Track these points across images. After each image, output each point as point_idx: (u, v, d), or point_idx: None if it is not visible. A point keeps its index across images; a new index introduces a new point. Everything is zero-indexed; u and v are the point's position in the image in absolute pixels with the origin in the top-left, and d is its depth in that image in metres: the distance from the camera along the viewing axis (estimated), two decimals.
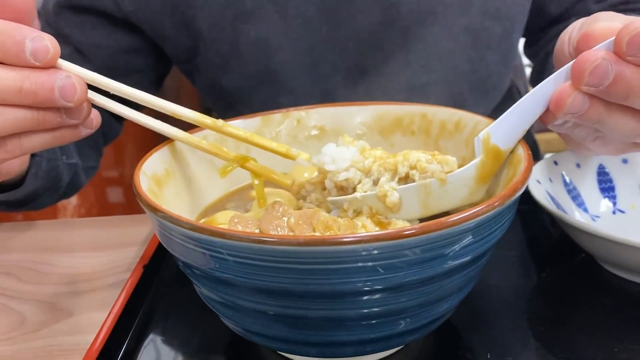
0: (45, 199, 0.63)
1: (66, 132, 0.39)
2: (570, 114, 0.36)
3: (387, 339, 0.36)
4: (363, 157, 0.43)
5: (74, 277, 0.56)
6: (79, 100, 0.36)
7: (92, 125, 0.40)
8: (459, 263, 0.33)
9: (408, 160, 0.40)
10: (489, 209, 0.32)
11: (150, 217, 0.36)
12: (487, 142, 0.39)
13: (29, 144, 0.38)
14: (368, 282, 0.31)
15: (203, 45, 0.67)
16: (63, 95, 0.35)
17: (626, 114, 0.36)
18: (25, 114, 0.36)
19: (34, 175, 0.58)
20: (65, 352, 0.46)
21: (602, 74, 0.34)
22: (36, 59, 0.35)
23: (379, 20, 0.65)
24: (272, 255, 0.30)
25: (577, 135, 0.40)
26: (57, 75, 0.35)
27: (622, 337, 0.41)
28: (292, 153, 0.43)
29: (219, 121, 0.42)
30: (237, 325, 0.37)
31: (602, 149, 0.42)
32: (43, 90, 0.35)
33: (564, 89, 0.36)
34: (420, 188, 0.39)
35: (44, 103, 0.36)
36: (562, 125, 0.38)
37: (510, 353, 0.41)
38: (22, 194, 0.58)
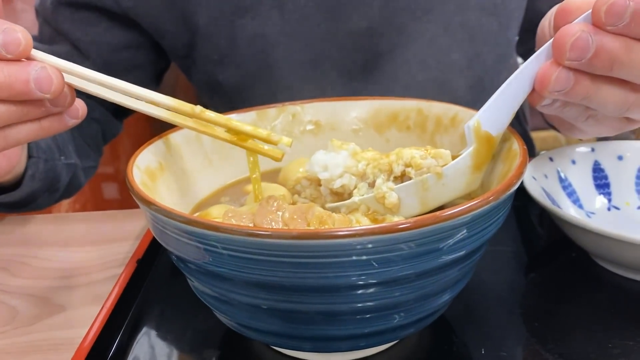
0: (44, 200, 0.62)
1: (52, 122, 0.38)
2: (556, 91, 0.35)
3: (381, 333, 0.36)
4: (356, 161, 0.42)
5: (67, 271, 0.56)
6: (55, 91, 0.35)
7: (78, 115, 0.39)
8: (453, 257, 0.33)
9: (402, 159, 0.40)
10: (484, 204, 0.32)
11: (143, 211, 0.36)
12: (479, 130, 0.38)
13: (14, 136, 0.37)
14: (362, 276, 0.31)
15: (201, 40, 0.67)
16: (39, 87, 0.35)
17: (613, 86, 0.35)
18: (7, 107, 0.35)
19: (31, 177, 0.57)
20: (58, 346, 0.45)
21: (583, 47, 0.33)
22: (8, 52, 0.34)
23: (377, 17, 0.65)
24: (266, 249, 0.30)
25: (568, 116, 0.40)
26: (31, 66, 0.35)
27: (616, 333, 0.41)
28: (272, 138, 0.42)
29: (197, 107, 0.41)
30: (231, 320, 0.37)
31: (596, 128, 0.41)
32: (18, 83, 0.34)
33: (547, 66, 0.35)
34: (417, 184, 0.39)
35: (20, 96, 0.35)
36: (551, 106, 0.38)
37: (505, 348, 0.41)
38: (19, 195, 0.57)
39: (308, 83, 0.68)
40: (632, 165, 0.56)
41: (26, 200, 0.59)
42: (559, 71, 0.35)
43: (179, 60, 0.73)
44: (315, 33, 0.66)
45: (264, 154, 0.43)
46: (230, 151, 0.50)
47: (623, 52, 0.33)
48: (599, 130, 0.42)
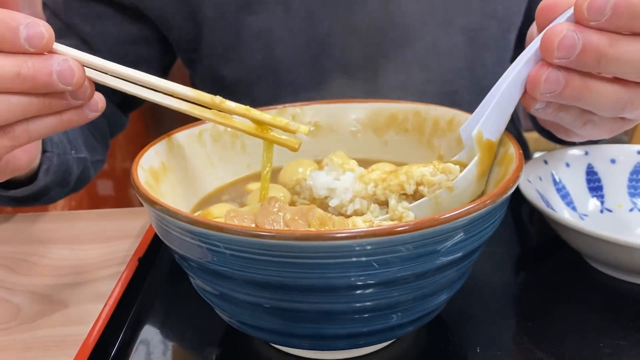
0: (56, 194, 0.63)
1: (72, 115, 0.39)
2: (547, 93, 0.36)
3: (379, 332, 0.37)
4: (364, 184, 0.43)
5: (68, 269, 0.56)
6: (77, 83, 0.36)
7: (98, 108, 0.40)
8: (450, 259, 0.34)
9: (413, 178, 0.41)
10: (481, 207, 0.33)
11: (148, 210, 0.36)
12: (481, 139, 0.39)
13: (36, 129, 0.38)
14: (362, 277, 0.32)
15: (206, 34, 0.68)
16: (61, 79, 0.36)
17: (605, 84, 0.36)
18: (30, 100, 0.36)
19: (46, 171, 0.58)
20: (61, 344, 0.46)
21: (570, 45, 0.34)
22: (31, 45, 0.35)
23: (380, 17, 0.66)
24: (269, 249, 0.31)
25: (564, 121, 0.40)
26: (54, 59, 0.36)
27: (608, 333, 0.42)
28: (291, 127, 0.43)
29: (217, 97, 0.42)
30: (232, 318, 0.38)
31: (593, 131, 0.41)
32: (41, 75, 0.35)
33: (537, 68, 0.36)
34: (431, 201, 0.40)
35: (43, 88, 0.36)
36: (545, 110, 0.38)
37: (499, 347, 0.42)
38: (34, 189, 0.58)
39: (310, 80, 0.69)
40: (624, 169, 0.57)
41: (39, 194, 0.60)
42: (549, 72, 0.35)
43: (184, 54, 0.74)
44: (319, 31, 0.67)
45: (282, 144, 0.44)
46: (230, 152, 0.51)
47: (608, 46, 0.34)
48: (596, 134, 0.42)
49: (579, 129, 0.41)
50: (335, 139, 0.54)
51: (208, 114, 0.42)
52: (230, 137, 0.51)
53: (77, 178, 0.66)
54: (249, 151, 0.52)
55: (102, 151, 0.75)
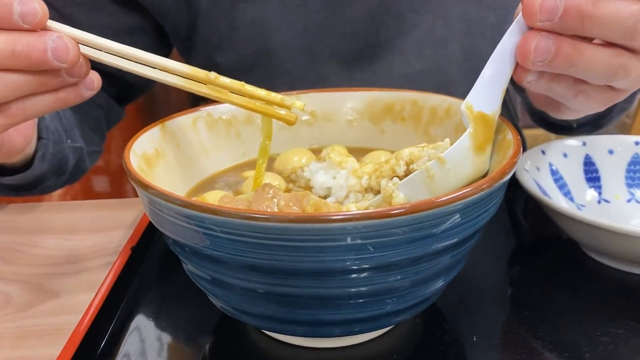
0: (52, 183, 0.62)
1: (69, 93, 0.38)
2: (539, 61, 0.35)
3: (375, 319, 0.36)
4: (357, 178, 0.43)
5: (60, 258, 0.56)
6: (72, 60, 0.36)
7: (94, 86, 0.39)
8: (447, 244, 0.34)
9: (402, 159, 0.40)
10: (478, 191, 0.33)
11: (140, 195, 0.36)
12: (472, 111, 0.39)
13: (32, 108, 0.37)
14: (357, 261, 0.31)
15: (201, 22, 0.67)
16: (56, 56, 0.35)
17: (595, 48, 0.36)
18: (25, 77, 0.36)
19: (41, 158, 0.57)
20: (52, 332, 0.45)
21: (552, 7, 0.34)
22: (25, 22, 0.34)
23: (376, 6, 0.65)
24: (264, 232, 0.30)
25: (557, 94, 0.39)
26: (48, 36, 0.35)
27: (605, 322, 0.42)
28: (286, 102, 0.43)
29: (212, 73, 0.41)
30: (226, 304, 0.38)
31: (585, 105, 0.41)
32: (36, 52, 0.35)
33: (525, 37, 0.35)
34: (422, 174, 0.39)
35: (38, 65, 0.35)
36: (538, 82, 0.37)
37: (496, 336, 0.42)
38: (29, 176, 0.57)
39: (306, 69, 0.68)
40: (622, 160, 0.57)
41: (34, 182, 0.59)
42: (538, 39, 0.35)
43: (179, 42, 0.73)
44: (315, 20, 0.66)
45: (279, 118, 0.44)
46: (225, 139, 0.51)
47: (590, 6, 0.34)
48: (588, 106, 0.42)
49: (571, 101, 0.40)
50: (331, 127, 0.53)
51: (204, 88, 0.42)
52: (224, 125, 0.51)
53: (73, 167, 0.65)
54: (243, 139, 0.52)
55: (98, 142, 0.74)
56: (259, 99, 0.43)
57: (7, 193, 0.61)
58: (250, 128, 0.52)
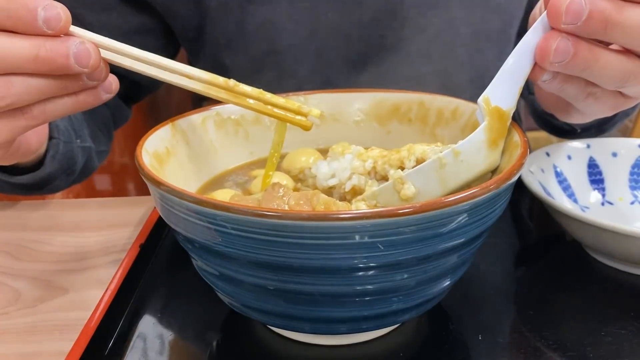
0: (60, 182, 0.63)
1: (88, 96, 0.39)
2: (557, 62, 0.36)
3: (381, 317, 0.37)
4: (362, 161, 0.43)
5: (68, 255, 0.56)
6: (93, 65, 0.37)
7: (112, 89, 0.40)
8: (454, 244, 0.34)
9: (414, 154, 0.41)
10: (485, 191, 0.33)
11: (152, 192, 0.36)
12: (489, 105, 0.39)
13: (52, 110, 0.38)
14: (366, 259, 0.32)
15: (210, 23, 0.68)
16: (78, 61, 0.36)
17: (611, 54, 0.36)
18: (47, 82, 0.36)
19: (52, 157, 0.58)
20: (62, 328, 0.46)
21: (578, 10, 0.34)
22: (49, 27, 0.35)
23: (383, 9, 0.66)
24: (275, 230, 0.31)
25: (568, 94, 0.40)
26: (71, 41, 0.36)
27: (608, 322, 0.42)
28: (303, 110, 0.44)
29: (231, 81, 0.42)
30: (235, 301, 0.38)
31: (594, 107, 0.42)
32: (58, 57, 0.35)
33: (546, 37, 0.36)
34: (435, 163, 0.39)
35: (60, 70, 0.36)
36: (552, 82, 0.38)
37: (501, 335, 0.42)
38: (40, 176, 0.58)
39: (313, 71, 0.69)
40: (625, 162, 0.57)
41: (44, 181, 0.59)
42: (558, 41, 0.35)
43: (188, 43, 0.74)
44: (322, 22, 0.67)
45: (295, 123, 0.45)
46: (233, 139, 0.51)
47: (615, 12, 0.34)
48: (597, 110, 0.42)
49: (581, 103, 0.41)
50: (338, 128, 0.54)
51: (223, 94, 0.43)
52: (233, 124, 0.51)
53: (82, 167, 0.65)
54: (251, 139, 0.52)
55: (106, 142, 0.75)
56: (277, 107, 0.44)
57: (16, 192, 0.61)
58: (258, 128, 0.52)
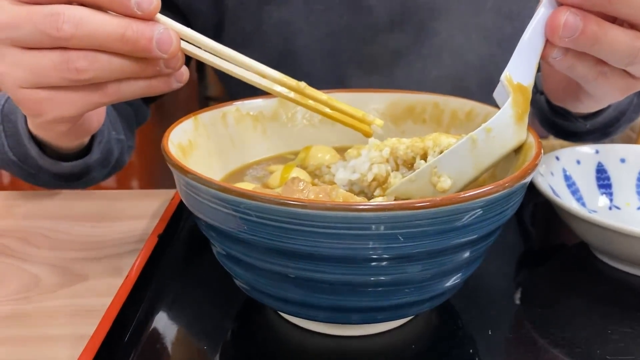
0: (96, 174, 0.65)
1: (160, 82, 0.41)
2: (566, 37, 0.37)
3: (394, 308, 0.38)
4: (379, 150, 0.44)
5: (86, 245, 0.58)
6: (173, 52, 0.39)
7: (183, 79, 0.42)
8: (468, 239, 0.35)
9: (439, 146, 0.42)
10: (500, 189, 0.34)
11: (178, 180, 0.38)
12: (511, 82, 0.40)
13: (126, 90, 0.40)
14: (381, 250, 0.33)
15: (228, 22, 0.69)
16: (159, 46, 0.38)
17: (619, 29, 0.38)
18: (129, 62, 0.39)
19: (99, 143, 0.60)
20: (82, 313, 0.47)
21: None
22: (139, 9, 0.37)
23: (397, 13, 0.67)
24: (299, 218, 0.32)
25: (578, 74, 0.41)
26: (156, 27, 0.38)
27: (614, 321, 0.44)
28: (367, 118, 0.47)
29: (302, 83, 0.45)
30: (254, 288, 0.39)
31: (604, 89, 0.43)
32: (143, 39, 0.37)
33: (555, 13, 0.38)
34: (467, 142, 0.40)
35: (142, 52, 0.38)
36: (563, 60, 0.40)
37: (510, 331, 0.43)
38: (86, 162, 0.59)
39: (326, 72, 0.70)
40: (633, 168, 0.58)
41: (85, 171, 0.61)
42: (567, 16, 0.37)
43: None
44: (337, 24, 0.68)
45: (358, 129, 0.48)
46: (252, 134, 0.53)
47: None
48: (607, 92, 0.43)
49: (591, 84, 0.42)
50: None
51: (291, 94, 0.46)
52: (251, 120, 0.53)
53: (115, 160, 0.67)
54: (268, 135, 0.53)
55: (132, 138, 0.76)
56: (343, 113, 0.47)
57: (55, 183, 0.63)
58: (275, 124, 0.54)
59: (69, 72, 0.38)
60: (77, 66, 0.38)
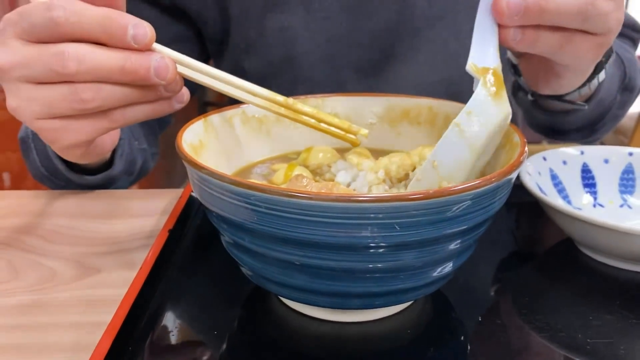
0: (121, 183, 0.68)
1: (162, 105, 0.44)
2: (515, 15, 0.40)
3: (390, 294, 0.41)
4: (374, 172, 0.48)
5: (99, 240, 0.61)
6: (170, 79, 0.42)
7: (183, 100, 0.45)
8: (458, 229, 0.38)
9: (424, 159, 0.45)
10: (487, 183, 0.37)
11: (191, 174, 0.41)
12: (476, 67, 0.44)
13: (130, 115, 0.44)
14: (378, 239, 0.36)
15: (233, 29, 0.73)
16: (157, 74, 0.41)
17: None
18: (131, 90, 0.42)
19: (120, 156, 0.63)
20: (96, 303, 0.50)
21: None
22: (136, 42, 0.40)
23: (394, 20, 0.71)
24: (304, 209, 0.35)
25: (544, 49, 0.44)
26: (153, 56, 0.41)
27: (596, 308, 0.47)
28: (353, 128, 0.51)
29: (290, 99, 0.49)
30: (260, 276, 0.42)
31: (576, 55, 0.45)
32: (141, 69, 0.40)
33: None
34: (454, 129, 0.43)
35: (141, 80, 0.41)
36: (522, 39, 0.42)
37: (498, 317, 0.46)
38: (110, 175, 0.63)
39: (326, 76, 0.73)
40: (616, 168, 0.62)
41: (110, 182, 0.64)
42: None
43: (214, 46, 0.79)
44: (337, 31, 0.72)
45: (344, 139, 0.52)
46: (257, 135, 0.56)
47: None
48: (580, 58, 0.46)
49: (560, 55, 0.45)
50: None
51: (282, 110, 0.49)
52: (257, 122, 0.56)
53: (139, 168, 0.70)
54: (273, 136, 0.57)
55: (156, 145, 0.80)
56: (329, 124, 0.50)
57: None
58: (279, 126, 0.57)
59: (76, 103, 0.42)
60: (83, 97, 0.41)
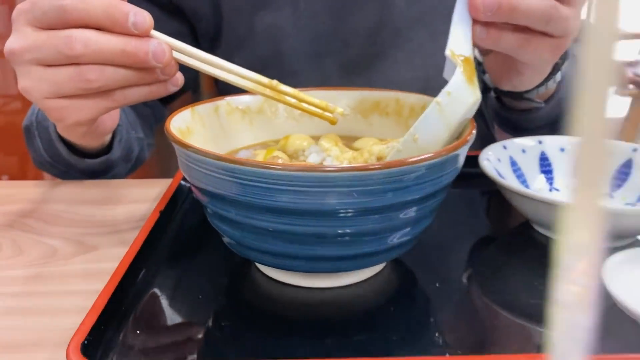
0: (120, 170, 0.73)
1: (159, 87, 0.50)
2: (489, 12, 0.46)
3: (358, 257, 0.46)
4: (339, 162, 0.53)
5: (96, 222, 0.66)
6: (166, 62, 0.47)
7: (178, 83, 0.51)
8: (413, 198, 0.44)
9: (374, 155, 0.51)
10: (437, 156, 0.43)
11: (179, 153, 0.46)
12: (455, 54, 0.50)
13: (130, 95, 0.49)
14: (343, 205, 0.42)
15: (225, 26, 0.79)
16: (155, 58, 0.47)
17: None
18: (131, 72, 0.47)
19: (119, 141, 0.68)
20: (94, 274, 0.55)
21: None
22: (136, 28, 0.46)
23: (375, 21, 0.77)
24: (278, 179, 0.40)
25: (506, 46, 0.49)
26: (151, 42, 0.47)
27: (542, 275, 0.52)
28: (330, 107, 0.57)
29: (274, 81, 0.54)
30: (239, 244, 0.47)
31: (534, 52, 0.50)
32: (140, 53, 0.46)
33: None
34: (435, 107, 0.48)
35: (140, 63, 0.47)
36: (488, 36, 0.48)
37: (454, 283, 0.52)
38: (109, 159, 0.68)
39: (311, 72, 0.79)
40: (572, 156, 0.67)
41: (109, 166, 0.69)
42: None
43: (207, 43, 0.84)
44: (322, 29, 0.78)
45: (323, 118, 0.57)
46: (240, 125, 0.61)
47: None
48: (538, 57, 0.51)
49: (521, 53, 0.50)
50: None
51: (267, 91, 0.54)
52: (240, 113, 0.61)
53: (136, 156, 0.76)
54: (255, 125, 0.62)
55: (151, 136, 0.85)
56: (309, 104, 0.56)
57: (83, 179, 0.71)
58: (261, 117, 0.62)
59: (82, 83, 0.47)
60: (88, 77, 0.47)
